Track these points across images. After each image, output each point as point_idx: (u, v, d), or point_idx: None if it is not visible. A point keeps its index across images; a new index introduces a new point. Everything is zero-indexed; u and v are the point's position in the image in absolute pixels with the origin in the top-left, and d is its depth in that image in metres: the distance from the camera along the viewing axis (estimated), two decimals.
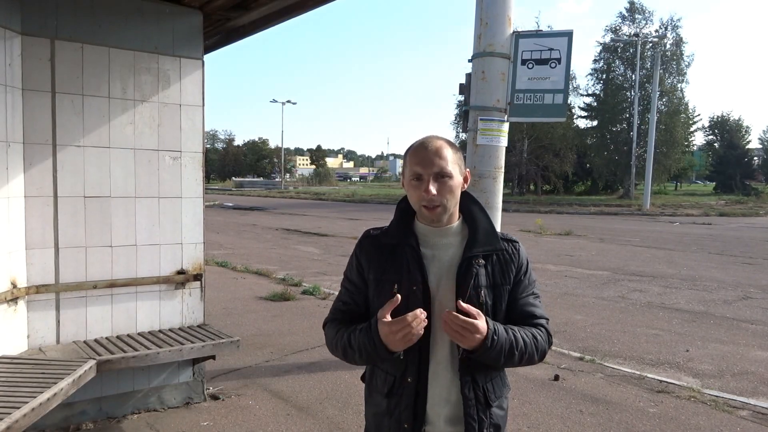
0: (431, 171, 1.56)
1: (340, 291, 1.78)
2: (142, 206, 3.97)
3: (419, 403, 1.61)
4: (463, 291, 1.58)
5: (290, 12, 4.26)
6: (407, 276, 1.60)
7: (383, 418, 1.67)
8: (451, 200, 1.60)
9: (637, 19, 39.79)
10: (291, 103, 66.50)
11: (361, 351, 1.59)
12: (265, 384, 4.69)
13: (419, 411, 1.61)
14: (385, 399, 1.65)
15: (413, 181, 1.59)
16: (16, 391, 2.84)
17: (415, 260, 1.61)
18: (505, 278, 1.65)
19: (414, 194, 1.60)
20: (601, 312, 7.57)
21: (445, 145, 1.61)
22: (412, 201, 1.63)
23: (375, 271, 1.67)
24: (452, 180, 1.58)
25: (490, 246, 1.64)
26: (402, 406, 1.61)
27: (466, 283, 1.58)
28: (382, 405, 1.67)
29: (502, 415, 1.68)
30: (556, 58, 4.64)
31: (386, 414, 1.66)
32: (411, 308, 1.53)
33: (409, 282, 1.60)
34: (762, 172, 61.12)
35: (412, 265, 1.61)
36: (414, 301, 1.57)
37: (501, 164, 4.80)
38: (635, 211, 28.20)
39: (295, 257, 12.50)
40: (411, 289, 1.59)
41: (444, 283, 1.62)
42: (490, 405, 1.63)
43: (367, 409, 1.77)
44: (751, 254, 13.24)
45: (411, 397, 1.60)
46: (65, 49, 3.63)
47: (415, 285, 1.59)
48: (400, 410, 1.62)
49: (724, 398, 4.51)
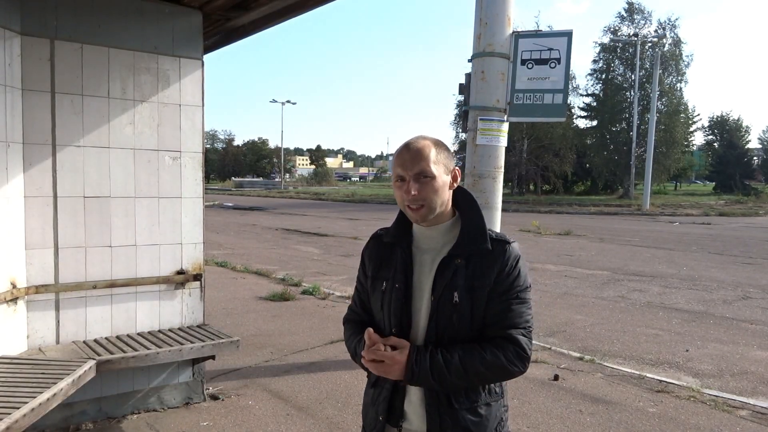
0: (412, 172, 1.58)
1: (354, 292, 1.89)
2: (142, 206, 3.97)
3: (397, 398, 1.67)
4: (436, 289, 1.61)
5: (290, 12, 4.26)
6: (393, 275, 1.68)
7: (368, 408, 1.76)
8: (435, 200, 1.59)
9: (636, 20, 39.85)
10: (291, 103, 66.54)
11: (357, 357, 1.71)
12: (264, 384, 4.69)
13: (396, 405, 1.67)
14: (371, 389, 1.75)
15: (396, 182, 1.62)
16: (15, 391, 2.84)
17: (402, 259, 1.68)
18: (486, 279, 1.60)
19: (398, 195, 1.63)
20: (600, 312, 7.57)
21: (429, 145, 1.60)
22: (398, 201, 1.65)
23: (372, 270, 1.75)
24: (434, 180, 1.58)
25: (473, 246, 1.62)
26: (380, 398, 1.69)
27: (441, 282, 1.61)
28: (369, 395, 1.76)
29: (475, 421, 1.61)
30: (555, 58, 4.64)
31: (370, 404, 1.75)
32: (393, 305, 1.65)
33: (394, 280, 1.67)
34: (762, 172, 61.19)
35: (400, 265, 1.67)
36: (396, 299, 1.65)
37: (501, 164, 4.80)
38: (635, 211, 28.20)
39: (295, 257, 12.50)
40: (394, 287, 1.66)
41: (425, 281, 1.65)
42: (453, 407, 1.60)
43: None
44: (750, 254, 13.25)
45: (389, 391, 1.67)
46: (65, 49, 3.63)
47: (398, 283, 1.66)
48: (379, 401, 1.70)
49: (724, 398, 4.51)
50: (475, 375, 1.56)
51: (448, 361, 1.55)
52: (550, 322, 6.95)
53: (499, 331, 1.60)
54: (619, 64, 41.38)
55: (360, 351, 1.65)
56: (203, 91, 4.20)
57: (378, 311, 1.72)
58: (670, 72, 38.76)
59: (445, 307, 1.59)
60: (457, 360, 1.55)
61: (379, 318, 1.72)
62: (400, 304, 1.64)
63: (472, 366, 1.55)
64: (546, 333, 6.42)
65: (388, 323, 1.67)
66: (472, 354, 1.56)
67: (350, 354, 1.78)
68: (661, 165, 37.55)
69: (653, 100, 30.76)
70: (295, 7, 4.15)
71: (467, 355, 1.56)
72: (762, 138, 65.45)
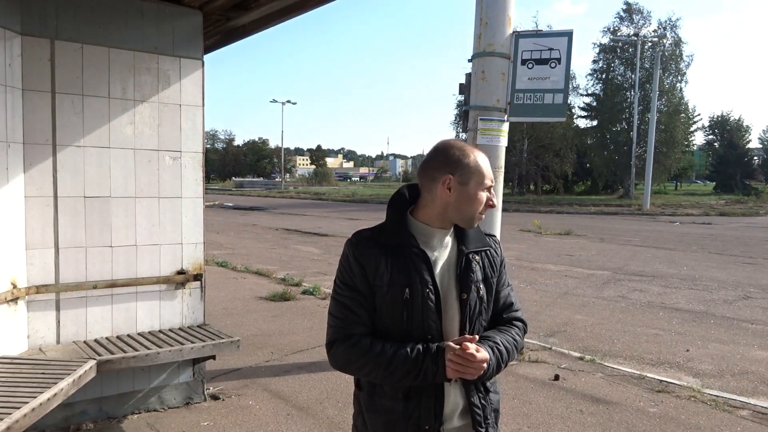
0: (493, 182, 1.69)
1: (338, 302, 1.65)
2: (142, 206, 3.97)
3: (438, 403, 1.62)
4: (467, 287, 1.63)
5: (290, 12, 4.26)
6: (419, 279, 1.59)
7: (398, 422, 1.62)
8: None
9: (636, 20, 39.85)
10: (291, 103, 66.59)
11: (409, 372, 1.55)
12: (265, 384, 4.69)
13: (438, 411, 1.62)
14: (402, 402, 1.61)
15: (484, 192, 1.65)
16: (16, 391, 2.84)
17: (423, 262, 1.61)
18: (494, 271, 1.73)
19: (478, 203, 1.64)
20: (601, 312, 7.57)
21: None
22: (474, 209, 1.64)
23: (382, 275, 1.60)
24: None
25: (481, 243, 1.72)
26: (422, 408, 1.60)
27: (469, 279, 1.64)
28: (397, 409, 1.62)
29: (497, 399, 1.75)
30: (556, 57, 4.64)
31: (403, 417, 1.61)
32: (425, 311, 1.59)
33: (422, 285, 1.59)
34: (762, 172, 61.11)
35: (421, 267, 1.60)
36: (428, 304, 1.59)
37: (501, 164, 4.80)
38: (635, 211, 28.18)
39: (296, 257, 12.50)
40: (425, 293, 1.59)
41: (447, 281, 1.64)
42: (488, 390, 1.70)
43: (370, 417, 1.68)
44: (751, 254, 13.24)
45: (431, 398, 1.61)
46: (65, 50, 3.63)
47: (428, 287, 1.59)
48: (419, 412, 1.60)
49: (724, 398, 4.51)
50: (512, 357, 1.70)
51: (500, 350, 1.63)
52: (550, 322, 6.95)
53: (509, 314, 1.76)
54: (619, 64, 41.39)
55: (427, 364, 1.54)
56: (203, 91, 4.20)
57: (398, 319, 1.59)
58: (670, 72, 38.77)
59: (476, 303, 1.65)
60: (503, 346, 1.65)
61: (398, 328, 1.60)
62: (435, 309, 1.59)
63: (511, 348, 1.68)
64: (546, 333, 6.42)
65: (420, 331, 1.58)
66: (506, 338, 1.68)
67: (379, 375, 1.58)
68: (661, 165, 37.53)
69: (653, 99, 30.74)
70: (295, 7, 4.15)
71: (505, 339, 1.67)
72: (762, 138, 65.40)
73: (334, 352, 1.65)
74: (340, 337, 1.63)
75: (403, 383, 1.59)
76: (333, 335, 1.65)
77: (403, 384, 1.59)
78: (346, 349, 1.61)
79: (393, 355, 1.55)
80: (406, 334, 1.59)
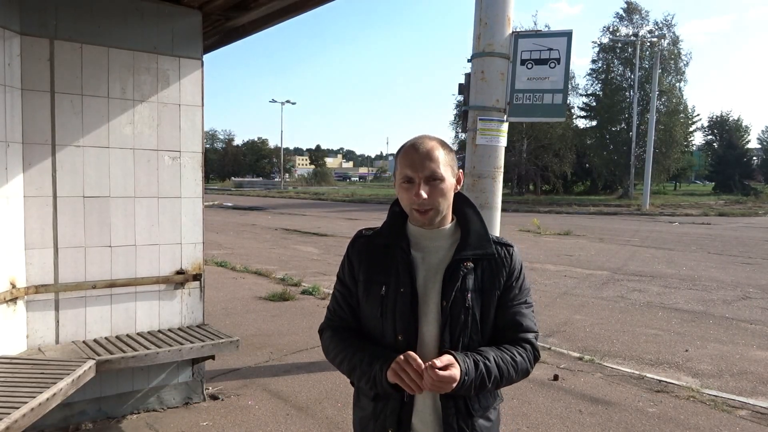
0: (422, 174, 1.51)
1: (333, 294, 1.75)
2: (142, 206, 3.97)
3: (405, 410, 1.57)
4: (448, 293, 1.55)
5: (290, 12, 4.27)
6: (395, 278, 1.58)
7: (369, 422, 1.64)
8: (442, 203, 1.56)
9: (635, 20, 39.87)
10: (290, 103, 66.60)
11: (364, 373, 1.55)
12: (264, 384, 4.68)
13: (404, 417, 1.57)
14: (372, 402, 1.62)
15: (404, 183, 1.54)
16: (15, 391, 2.84)
17: (404, 262, 1.58)
18: (495, 283, 1.59)
19: (405, 197, 1.56)
20: (600, 312, 7.57)
21: (437, 146, 1.55)
22: (404, 204, 1.58)
23: (365, 272, 1.63)
24: (444, 183, 1.53)
25: (480, 250, 1.59)
26: (387, 411, 1.59)
27: (452, 286, 1.55)
28: (368, 408, 1.64)
29: (488, 426, 1.62)
30: (555, 58, 4.64)
31: (372, 417, 1.63)
32: (398, 310, 1.56)
33: (397, 284, 1.57)
34: (761, 172, 61.17)
35: (401, 267, 1.58)
36: (401, 303, 1.56)
37: (500, 164, 4.80)
38: (634, 211, 28.20)
39: (295, 257, 12.49)
40: (398, 291, 1.56)
41: (431, 286, 1.58)
42: (471, 415, 1.58)
43: (354, 413, 1.73)
44: (750, 254, 13.25)
45: (397, 402, 1.57)
46: (64, 49, 3.63)
47: (403, 287, 1.56)
48: (385, 414, 1.59)
49: (723, 398, 4.51)
50: (507, 378, 1.55)
51: (489, 367, 1.51)
52: (549, 322, 6.95)
53: (514, 335, 1.61)
54: (618, 64, 41.43)
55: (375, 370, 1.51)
56: (203, 91, 4.20)
57: (374, 317, 1.61)
58: (669, 71, 38.79)
59: (458, 311, 1.54)
60: (494, 364, 1.52)
61: (375, 325, 1.61)
62: (408, 310, 1.55)
63: (506, 369, 1.54)
64: (545, 333, 6.42)
65: (391, 331, 1.57)
66: (502, 355, 1.55)
67: (344, 369, 1.62)
68: (660, 165, 37.57)
69: (653, 99, 30.78)
70: (295, 7, 4.15)
71: (500, 357, 1.54)
72: (761, 138, 65.54)
73: (322, 340, 1.74)
74: (326, 327, 1.74)
75: (363, 382, 1.57)
76: (322, 324, 1.77)
77: (364, 383, 1.58)
78: (326, 338, 1.71)
79: (356, 351, 1.59)
80: (381, 332, 1.60)
